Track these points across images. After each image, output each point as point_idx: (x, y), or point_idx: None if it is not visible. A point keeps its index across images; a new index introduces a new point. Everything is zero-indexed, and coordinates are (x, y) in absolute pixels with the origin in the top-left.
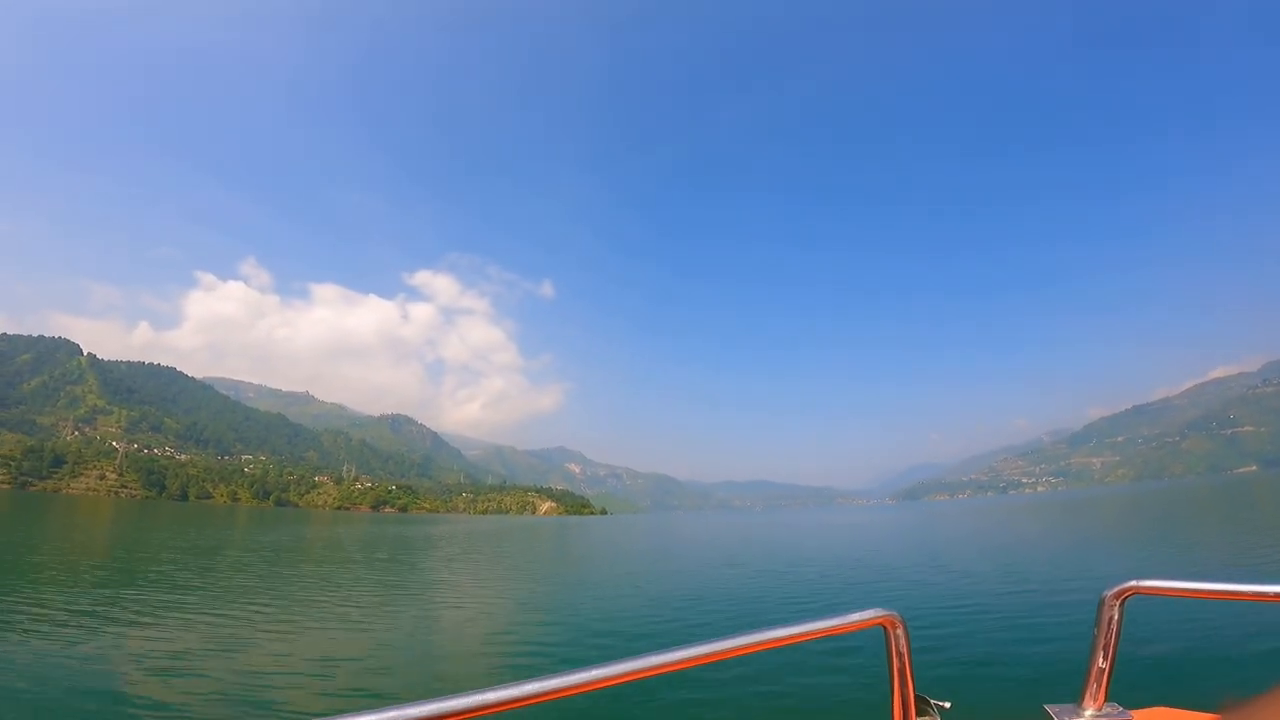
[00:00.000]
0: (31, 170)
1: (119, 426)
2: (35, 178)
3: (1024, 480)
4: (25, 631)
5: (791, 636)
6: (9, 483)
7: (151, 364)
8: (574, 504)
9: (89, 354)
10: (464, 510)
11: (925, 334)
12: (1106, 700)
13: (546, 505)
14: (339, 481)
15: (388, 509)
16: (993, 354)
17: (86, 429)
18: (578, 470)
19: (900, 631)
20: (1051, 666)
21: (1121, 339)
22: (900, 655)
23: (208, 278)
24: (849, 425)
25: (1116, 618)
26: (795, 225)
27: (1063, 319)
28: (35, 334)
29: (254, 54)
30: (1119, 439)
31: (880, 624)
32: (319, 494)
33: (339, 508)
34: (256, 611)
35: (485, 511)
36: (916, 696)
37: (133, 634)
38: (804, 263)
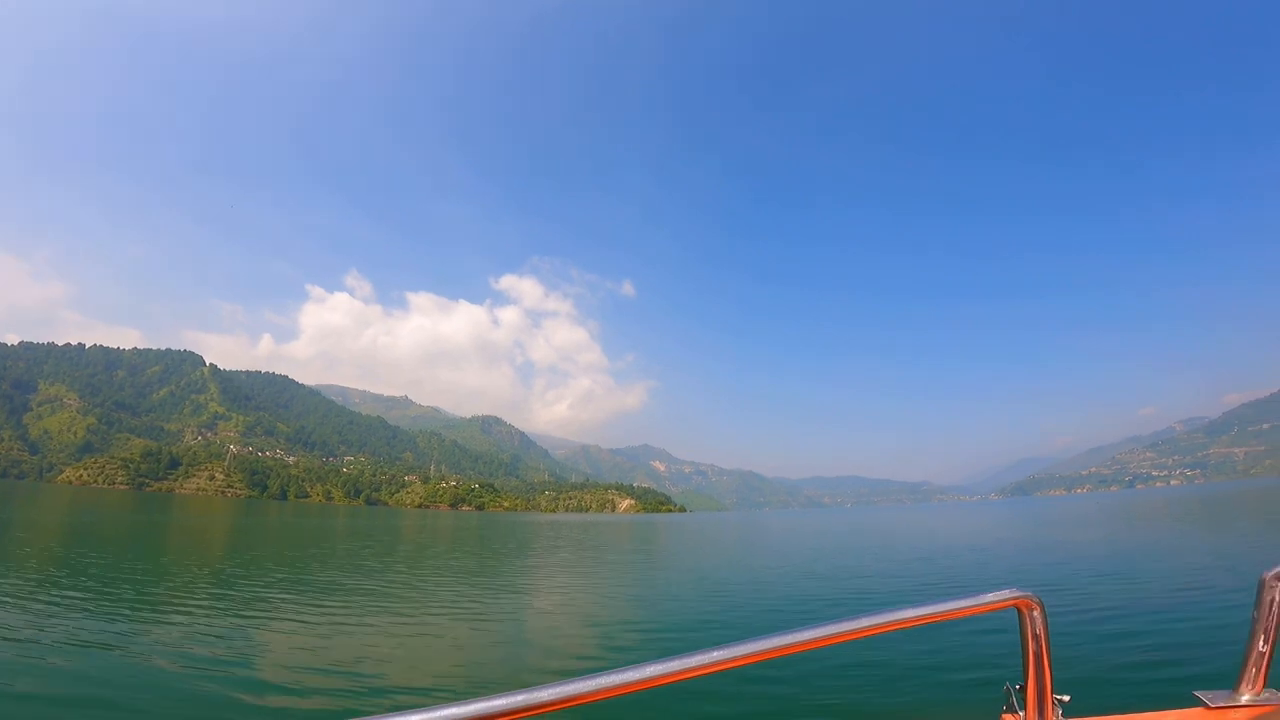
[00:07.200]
0: (155, 197)
1: (236, 431)
2: (158, 204)
3: (1154, 473)
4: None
5: (922, 617)
6: (127, 483)
7: (267, 373)
8: (654, 501)
9: (211, 364)
10: (545, 508)
11: (1028, 330)
12: (1266, 685)
13: (626, 503)
14: (426, 481)
15: (466, 507)
16: (1112, 339)
17: (208, 434)
18: (662, 468)
19: (1038, 614)
20: (1200, 653)
21: (1258, 319)
22: (1037, 639)
23: (317, 290)
24: (946, 421)
25: (1278, 599)
26: (882, 228)
27: (1191, 298)
28: (164, 348)
29: (348, 72)
30: (1264, 426)
31: (1015, 605)
32: (407, 493)
33: (421, 505)
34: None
35: (566, 510)
36: (1053, 687)
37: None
38: (895, 266)
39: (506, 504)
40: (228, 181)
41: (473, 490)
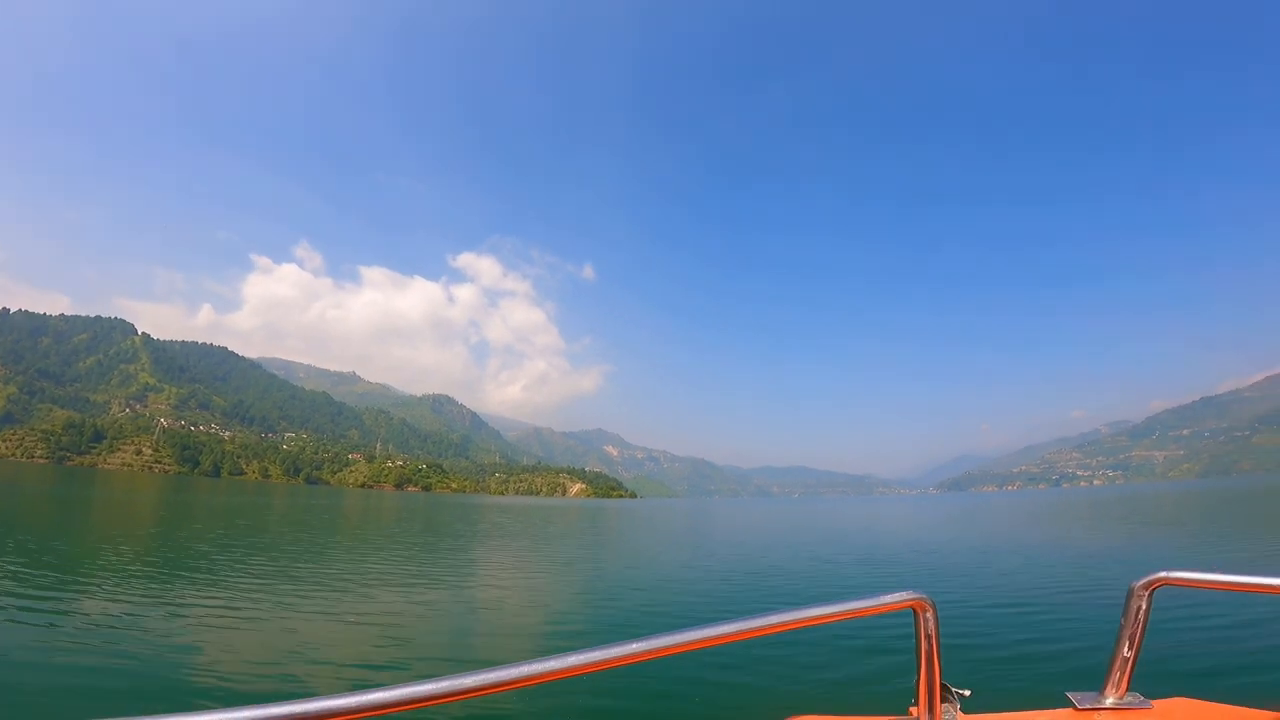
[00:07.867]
0: (95, 162)
1: (168, 404)
2: (98, 169)
3: (1079, 473)
4: None
5: (823, 616)
6: (47, 457)
7: (204, 344)
8: (605, 486)
9: (143, 334)
10: (496, 491)
11: (975, 326)
12: (1129, 690)
13: (577, 487)
14: (371, 460)
15: (411, 488)
16: (1049, 345)
17: (137, 406)
18: (615, 453)
19: (930, 615)
20: (1077, 655)
21: (1186, 330)
22: (929, 639)
23: (263, 260)
24: (892, 415)
25: (1144, 608)
26: (838, 218)
27: (1124, 311)
28: (94, 315)
29: (299, 44)
30: (1184, 432)
31: (911, 606)
32: (350, 472)
33: (364, 485)
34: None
35: (516, 492)
36: (940, 682)
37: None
38: (847, 255)
39: (454, 485)
40: (174, 144)
41: (420, 470)
